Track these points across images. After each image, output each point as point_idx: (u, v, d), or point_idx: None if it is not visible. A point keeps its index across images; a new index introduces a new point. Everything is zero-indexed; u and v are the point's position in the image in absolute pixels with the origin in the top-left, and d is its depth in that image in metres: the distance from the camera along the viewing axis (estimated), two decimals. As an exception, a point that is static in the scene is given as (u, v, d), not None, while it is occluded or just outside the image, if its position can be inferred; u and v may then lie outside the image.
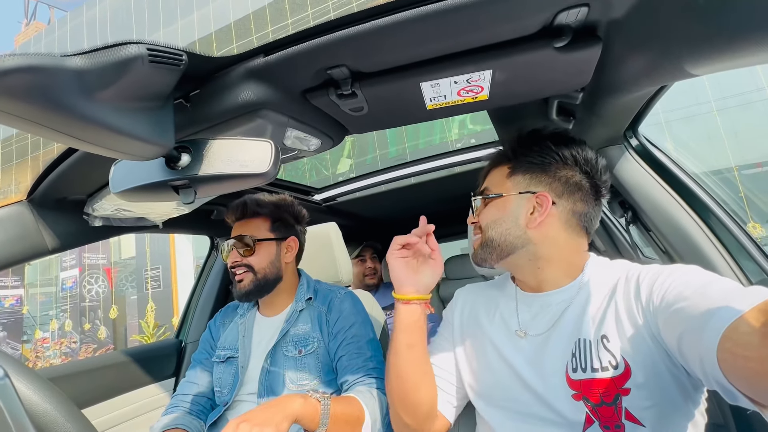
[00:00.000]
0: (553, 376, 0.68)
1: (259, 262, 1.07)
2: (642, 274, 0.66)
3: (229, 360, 1.10)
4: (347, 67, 0.58)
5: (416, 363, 0.76)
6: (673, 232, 0.97)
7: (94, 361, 1.30)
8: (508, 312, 0.79)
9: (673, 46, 0.56)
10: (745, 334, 0.41)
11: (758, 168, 6.53)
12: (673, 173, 1.00)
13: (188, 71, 0.51)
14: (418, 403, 0.76)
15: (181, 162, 0.55)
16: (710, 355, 0.45)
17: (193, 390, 1.11)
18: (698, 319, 0.49)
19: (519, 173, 0.76)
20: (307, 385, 1.02)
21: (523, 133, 0.80)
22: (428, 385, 0.77)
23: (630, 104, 0.82)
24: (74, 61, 0.39)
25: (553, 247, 0.73)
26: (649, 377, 0.60)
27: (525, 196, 0.74)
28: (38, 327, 7.69)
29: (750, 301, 0.44)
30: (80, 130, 0.41)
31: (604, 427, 0.63)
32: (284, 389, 1.01)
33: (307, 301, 1.12)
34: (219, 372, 1.11)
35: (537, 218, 0.72)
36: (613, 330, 0.64)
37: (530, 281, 0.77)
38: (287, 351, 1.05)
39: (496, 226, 0.75)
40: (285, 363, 1.04)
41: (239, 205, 1.12)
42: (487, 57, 0.57)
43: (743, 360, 0.41)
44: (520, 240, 0.73)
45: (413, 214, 2.49)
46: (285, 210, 1.17)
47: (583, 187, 0.74)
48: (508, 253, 0.74)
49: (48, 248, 0.90)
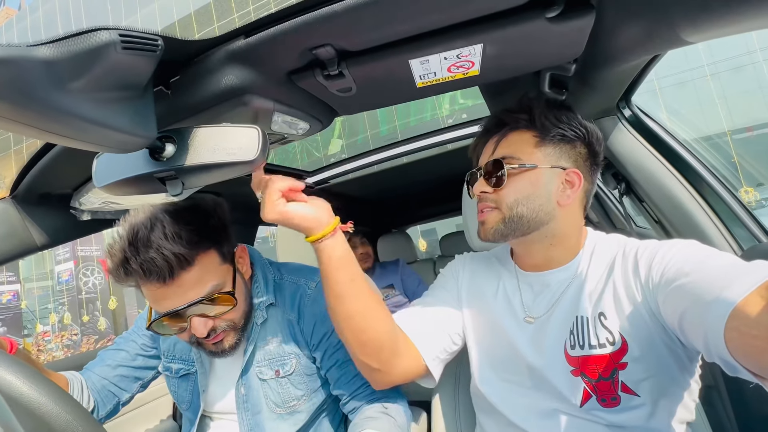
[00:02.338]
0: (552, 353, 0.69)
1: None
2: (640, 250, 0.66)
3: (185, 376, 0.92)
4: (332, 47, 0.56)
5: (363, 296, 0.70)
6: (666, 202, 0.97)
7: (89, 356, 1.31)
8: (511, 289, 0.78)
9: (667, 13, 0.54)
10: (753, 314, 0.42)
11: (749, 132, 6.57)
12: (666, 143, 1.00)
13: (166, 57, 0.49)
14: (378, 341, 0.71)
15: (166, 153, 0.54)
16: (717, 334, 0.45)
17: (99, 368, 0.93)
18: (702, 297, 0.49)
19: (549, 144, 0.71)
20: (297, 406, 0.86)
21: (551, 100, 0.76)
22: (383, 317, 0.72)
23: (623, 74, 0.81)
24: (42, 51, 0.36)
25: (570, 225, 0.72)
26: (645, 351, 0.62)
27: (556, 171, 0.70)
28: (39, 321, 7.70)
29: (754, 278, 0.45)
30: (55, 125, 0.39)
31: (601, 400, 0.64)
32: (271, 415, 0.86)
33: (269, 308, 0.89)
34: (173, 386, 0.94)
35: (570, 195, 0.70)
36: (611, 307, 0.65)
37: (537, 259, 0.75)
38: (261, 374, 0.86)
39: (528, 201, 0.69)
40: (263, 387, 0.86)
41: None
42: (477, 31, 0.55)
43: (751, 338, 0.42)
44: (549, 216, 0.70)
45: (407, 192, 2.48)
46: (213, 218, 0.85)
47: (595, 164, 0.74)
48: (533, 230, 0.70)
49: (37, 244, 0.88)
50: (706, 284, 0.50)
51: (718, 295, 0.46)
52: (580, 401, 0.66)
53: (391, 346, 0.72)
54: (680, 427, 0.65)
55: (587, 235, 0.75)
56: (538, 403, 0.70)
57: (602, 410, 0.64)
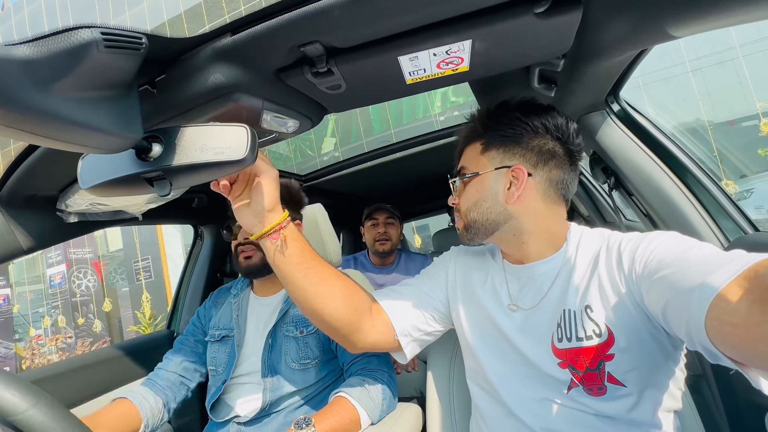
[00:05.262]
0: (540, 346, 0.70)
1: None
2: (623, 243, 0.67)
3: (223, 339, 1.12)
4: (321, 43, 0.55)
5: (310, 280, 0.71)
6: (654, 196, 0.98)
7: (83, 359, 1.29)
8: (498, 281, 0.80)
9: (654, 8, 0.54)
10: (733, 303, 0.43)
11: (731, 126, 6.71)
12: (653, 137, 1.01)
13: (151, 55, 0.48)
14: (332, 322, 0.73)
15: (153, 153, 0.52)
16: (698, 323, 0.46)
17: (167, 366, 1.12)
18: (684, 287, 0.50)
19: (492, 148, 0.74)
20: (309, 365, 1.03)
21: (491, 107, 0.78)
22: (338, 299, 0.73)
23: (611, 69, 0.82)
24: (21, 50, 0.35)
25: (534, 220, 0.73)
26: (631, 342, 0.63)
27: (501, 172, 0.73)
28: (31, 325, 7.59)
29: (733, 268, 0.46)
30: (36, 126, 0.38)
31: (588, 389, 0.66)
32: (286, 369, 1.03)
33: None
34: (213, 351, 1.12)
35: (515, 192, 0.71)
36: (596, 299, 0.66)
37: (516, 254, 0.78)
38: (288, 331, 1.06)
39: (476, 207, 0.74)
40: (286, 343, 1.06)
41: None
42: (465, 27, 0.55)
43: (730, 327, 0.43)
44: (501, 216, 0.73)
45: (399, 188, 2.48)
46: (294, 195, 1.19)
47: (557, 153, 0.73)
48: (492, 231, 0.74)
49: (23, 248, 0.86)
50: (688, 275, 0.51)
51: (699, 286, 0.47)
52: (566, 389, 0.68)
53: (349, 326, 0.75)
54: (667, 415, 0.67)
55: (571, 229, 0.76)
56: (532, 391, 0.71)
57: (588, 398, 0.66)
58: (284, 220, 0.68)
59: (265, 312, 1.13)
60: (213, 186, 0.64)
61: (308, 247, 0.73)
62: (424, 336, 0.83)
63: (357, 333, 0.76)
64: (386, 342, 0.80)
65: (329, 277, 0.74)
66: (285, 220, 0.69)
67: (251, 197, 0.66)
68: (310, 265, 0.71)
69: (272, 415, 1.02)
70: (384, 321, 0.79)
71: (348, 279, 0.78)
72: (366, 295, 0.81)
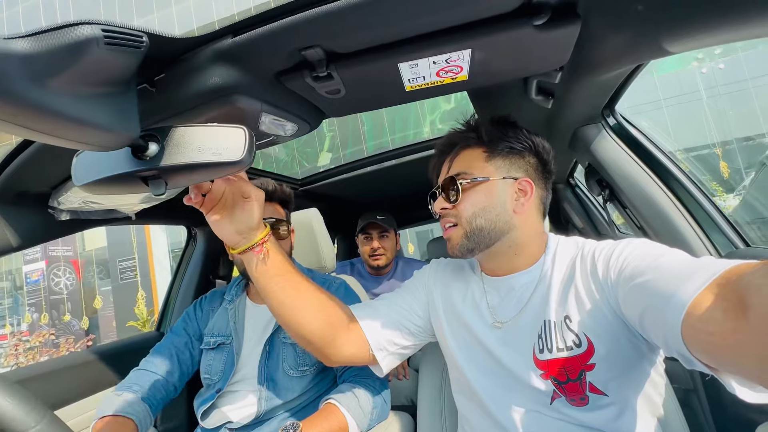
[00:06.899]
0: (521, 357, 0.71)
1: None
2: (597, 251, 0.68)
3: (219, 347, 1.09)
4: (322, 48, 0.55)
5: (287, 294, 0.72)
6: (648, 209, 0.99)
7: (70, 359, 1.27)
8: (478, 294, 0.80)
9: (651, 24, 0.55)
10: (707, 311, 0.43)
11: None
12: (648, 151, 1.02)
13: (151, 53, 0.48)
14: (307, 335, 0.74)
15: (149, 151, 0.52)
16: (674, 331, 0.47)
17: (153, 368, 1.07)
18: (659, 296, 0.51)
19: (498, 157, 0.75)
20: (307, 372, 1.02)
21: (495, 118, 0.80)
22: (313, 314, 0.74)
23: (608, 82, 0.83)
24: (19, 44, 0.35)
25: (529, 231, 0.75)
26: (610, 350, 0.64)
27: (508, 182, 0.74)
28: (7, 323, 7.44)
29: (705, 275, 0.46)
30: (32, 121, 0.37)
31: (570, 400, 0.66)
32: (283, 376, 1.02)
33: None
34: (209, 359, 1.09)
35: (524, 203, 0.73)
36: (574, 309, 0.67)
37: (503, 267, 0.77)
38: (286, 338, 1.05)
39: (485, 213, 0.72)
40: (284, 350, 1.05)
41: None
42: (466, 36, 0.55)
43: (706, 335, 0.43)
44: (507, 226, 0.73)
45: (397, 194, 2.48)
46: (288, 198, 1.17)
47: (546, 173, 0.78)
48: (494, 241, 0.73)
49: (12, 245, 0.85)
50: (662, 283, 0.51)
51: (674, 294, 0.48)
52: (550, 400, 0.68)
53: (323, 339, 0.75)
54: (651, 422, 0.67)
55: (548, 240, 0.77)
56: (517, 403, 0.71)
57: (572, 408, 0.66)
58: (267, 234, 0.69)
59: (263, 318, 1.11)
60: (186, 200, 0.61)
61: (287, 260, 0.73)
62: (401, 350, 0.83)
63: (331, 347, 0.76)
64: (361, 356, 0.80)
65: (305, 290, 0.74)
66: (268, 234, 0.69)
67: (235, 216, 0.64)
68: (287, 277, 0.72)
69: (266, 422, 1.00)
70: (359, 335, 0.79)
71: (325, 293, 0.78)
72: (342, 309, 0.80)
